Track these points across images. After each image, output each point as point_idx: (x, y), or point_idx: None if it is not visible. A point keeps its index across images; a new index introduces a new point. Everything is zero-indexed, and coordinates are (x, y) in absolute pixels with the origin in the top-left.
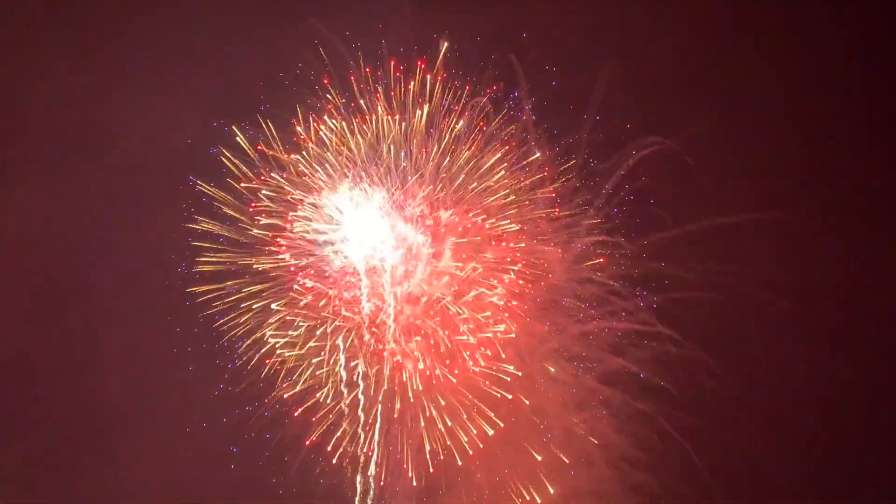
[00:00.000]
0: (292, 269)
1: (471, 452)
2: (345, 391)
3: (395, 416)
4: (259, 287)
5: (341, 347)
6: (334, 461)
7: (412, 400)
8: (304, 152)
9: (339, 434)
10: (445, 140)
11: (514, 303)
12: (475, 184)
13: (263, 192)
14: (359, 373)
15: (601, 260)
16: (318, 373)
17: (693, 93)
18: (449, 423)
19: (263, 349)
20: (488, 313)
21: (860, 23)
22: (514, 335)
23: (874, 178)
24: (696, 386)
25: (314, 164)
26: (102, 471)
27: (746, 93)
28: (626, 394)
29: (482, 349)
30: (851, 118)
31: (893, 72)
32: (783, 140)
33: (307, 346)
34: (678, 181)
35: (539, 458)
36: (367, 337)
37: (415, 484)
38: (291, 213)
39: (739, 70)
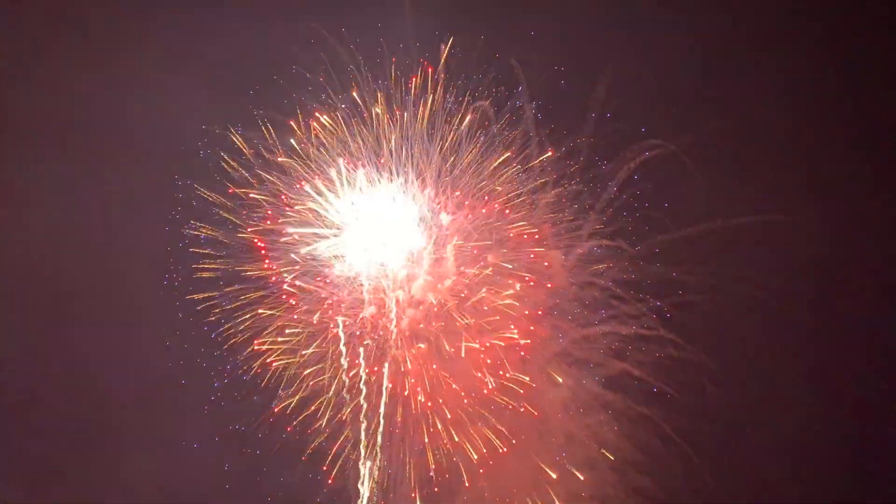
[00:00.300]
0: (291, 274)
1: (481, 471)
2: (347, 397)
3: (397, 431)
4: (258, 294)
5: (343, 353)
6: (335, 470)
7: (414, 410)
8: (302, 155)
9: (339, 441)
10: (448, 142)
11: (516, 309)
12: (478, 186)
13: (262, 196)
14: (361, 378)
15: (609, 264)
16: (312, 382)
17: (694, 96)
18: (455, 437)
19: (261, 358)
20: (497, 317)
21: (860, 25)
22: (528, 341)
23: (875, 180)
24: (697, 389)
25: (313, 167)
26: (100, 478)
27: (748, 96)
28: (628, 398)
29: (485, 357)
30: (853, 121)
31: (893, 74)
32: (786, 143)
33: (307, 354)
34: (680, 184)
35: (554, 476)
36: (367, 342)
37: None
38: (290, 217)
39: (741, 73)
